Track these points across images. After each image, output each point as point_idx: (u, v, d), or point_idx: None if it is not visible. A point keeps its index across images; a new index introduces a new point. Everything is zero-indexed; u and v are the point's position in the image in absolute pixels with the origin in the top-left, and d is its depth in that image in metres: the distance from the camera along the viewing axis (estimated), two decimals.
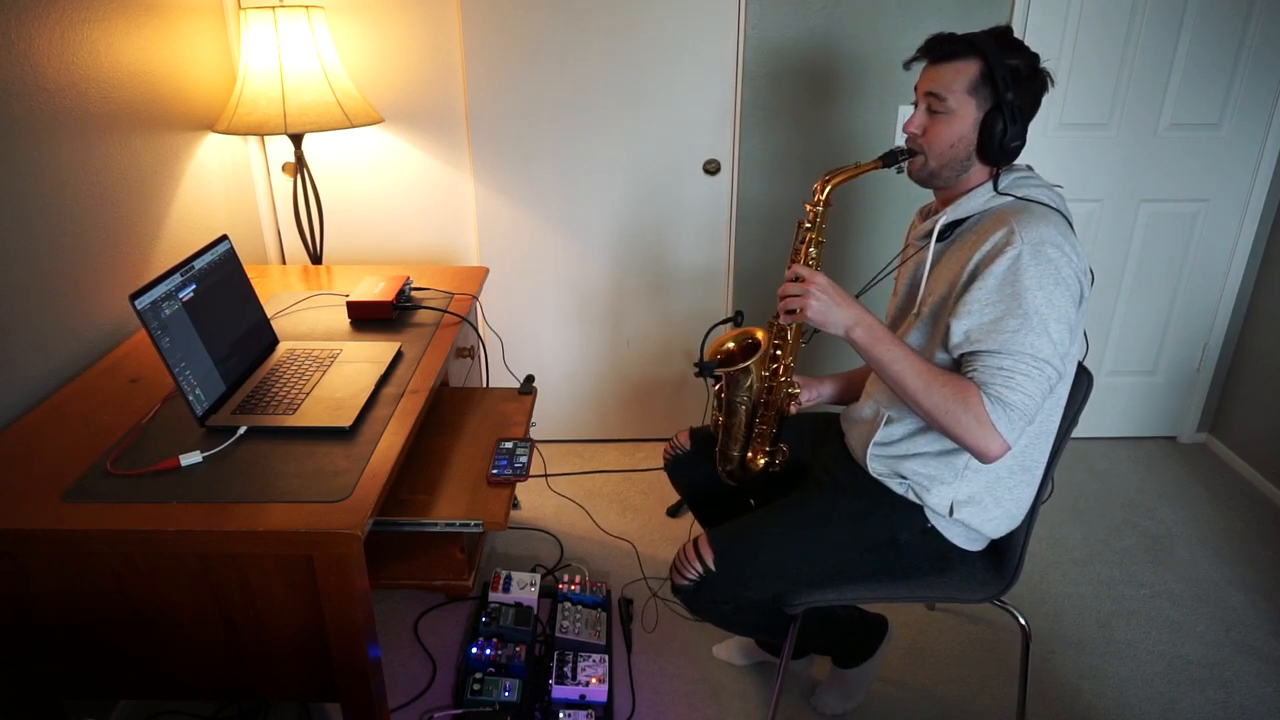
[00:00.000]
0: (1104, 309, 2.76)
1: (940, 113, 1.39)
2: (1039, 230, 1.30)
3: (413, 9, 2.36)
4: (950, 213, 1.43)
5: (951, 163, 1.41)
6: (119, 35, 1.83)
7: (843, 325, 1.37)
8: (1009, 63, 1.35)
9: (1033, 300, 1.28)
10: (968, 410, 1.30)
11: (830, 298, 1.37)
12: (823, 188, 1.45)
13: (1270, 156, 2.55)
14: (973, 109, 1.37)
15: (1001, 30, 1.39)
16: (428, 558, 1.55)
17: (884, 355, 1.36)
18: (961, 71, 1.37)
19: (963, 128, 1.38)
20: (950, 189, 1.46)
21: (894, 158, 1.45)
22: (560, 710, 1.74)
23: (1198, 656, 1.99)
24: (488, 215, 2.59)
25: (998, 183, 1.40)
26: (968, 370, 1.34)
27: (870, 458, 1.52)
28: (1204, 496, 2.62)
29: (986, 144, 1.38)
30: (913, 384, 1.34)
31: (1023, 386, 1.28)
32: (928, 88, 1.41)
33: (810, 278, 1.37)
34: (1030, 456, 1.47)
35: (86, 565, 1.22)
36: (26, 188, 1.56)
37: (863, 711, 1.83)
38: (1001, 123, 1.35)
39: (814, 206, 1.46)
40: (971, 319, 1.33)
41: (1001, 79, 1.34)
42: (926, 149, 1.42)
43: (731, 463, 1.66)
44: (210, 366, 1.47)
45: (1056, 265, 1.28)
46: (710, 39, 2.41)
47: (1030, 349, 1.28)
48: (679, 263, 2.67)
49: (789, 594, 1.54)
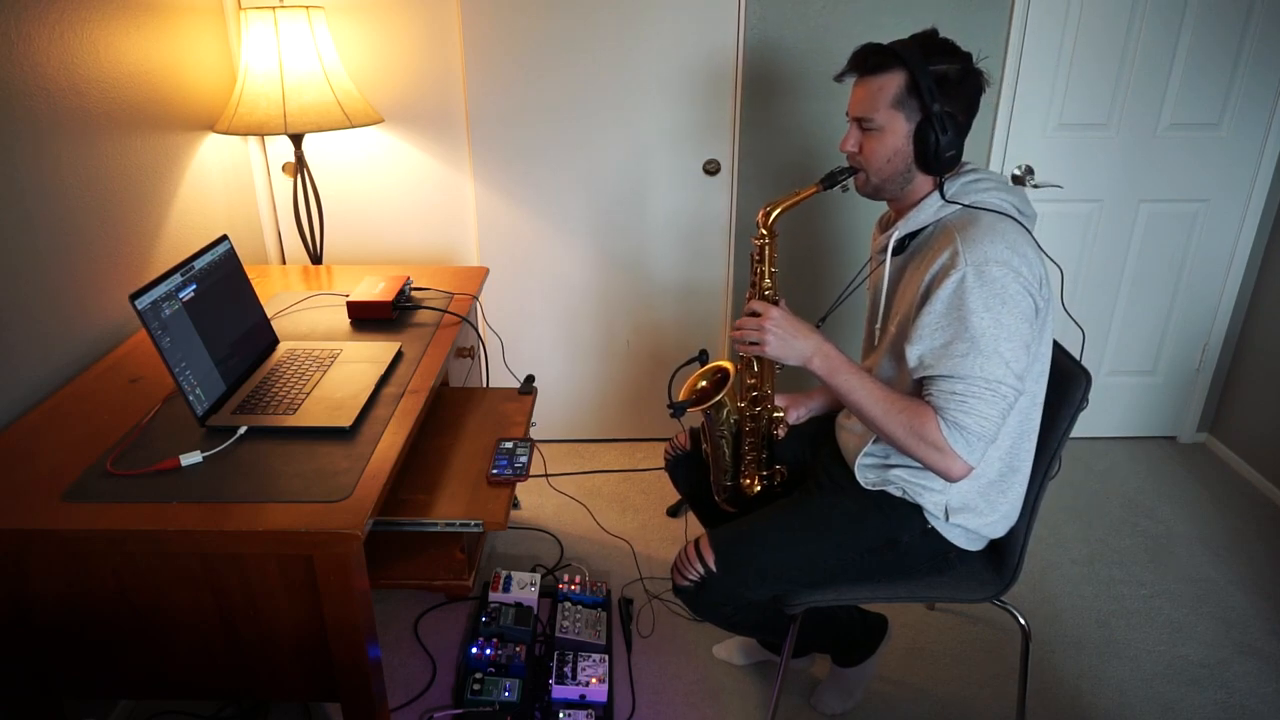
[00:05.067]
0: (1104, 309, 2.76)
1: (871, 129, 1.39)
2: (983, 248, 1.28)
3: (413, 9, 2.36)
4: (902, 227, 1.43)
5: (892, 176, 1.41)
6: (119, 35, 1.83)
7: (801, 356, 1.38)
8: (935, 70, 1.33)
9: (979, 324, 1.27)
10: (925, 436, 1.31)
11: (785, 330, 1.38)
12: (765, 219, 1.45)
13: (1270, 156, 2.55)
14: (902, 122, 1.36)
15: (927, 35, 1.37)
16: (428, 558, 1.55)
17: (843, 384, 1.37)
18: (886, 86, 1.35)
19: (895, 141, 1.37)
20: (900, 200, 1.46)
21: (834, 179, 1.44)
22: (560, 710, 1.74)
23: (1198, 656, 1.99)
24: (488, 215, 2.59)
25: (944, 190, 1.39)
26: (925, 394, 1.34)
27: (859, 468, 1.52)
28: (1204, 496, 2.62)
29: (923, 155, 1.36)
30: (871, 411, 1.36)
31: (977, 410, 1.29)
32: (855, 109, 1.40)
33: (765, 311, 1.38)
34: (1018, 457, 1.47)
35: (86, 565, 1.22)
36: (26, 187, 1.56)
37: (863, 711, 1.83)
38: (934, 133, 1.33)
39: (760, 239, 1.45)
40: (923, 344, 1.33)
41: (927, 89, 1.32)
42: (865, 166, 1.42)
43: (726, 491, 1.67)
44: (210, 366, 1.47)
45: (1002, 284, 1.27)
46: (710, 39, 2.41)
47: (981, 372, 1.28)
48: (679, 263, 2.67)
49: (789, 594, 1.53)
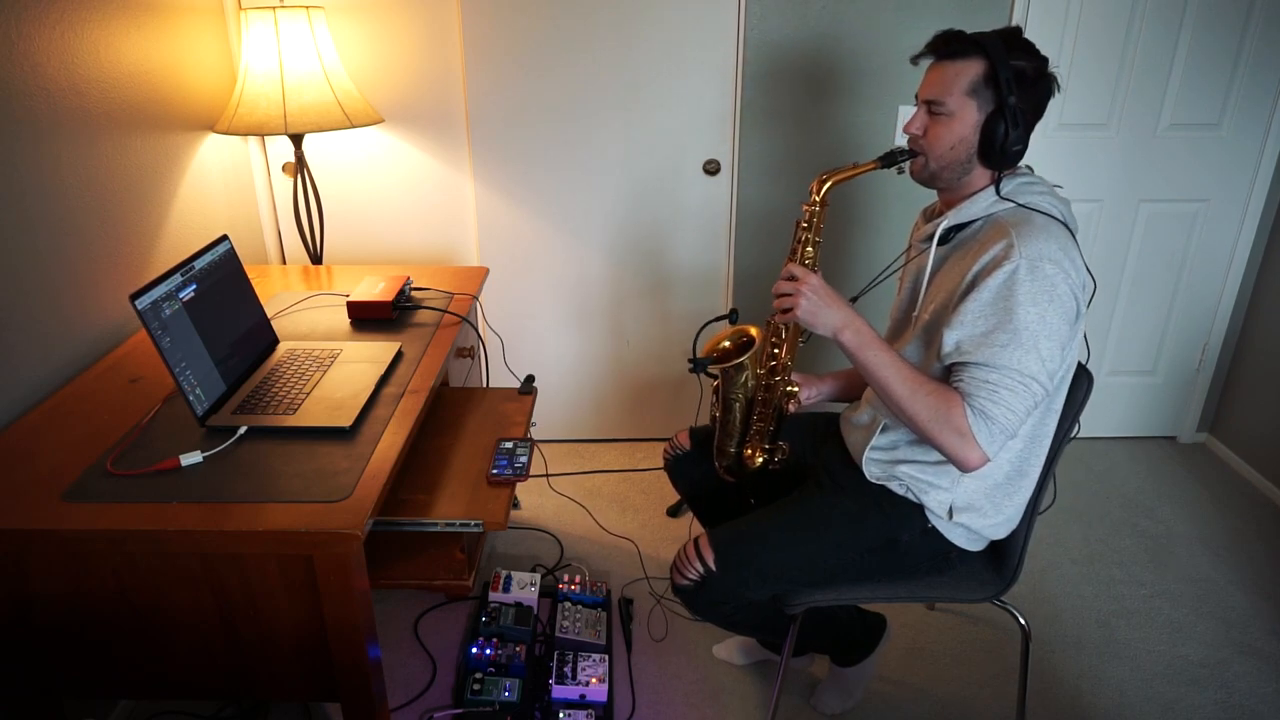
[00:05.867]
0: (1104, 309, 2.76)
1: (940, 114, 1.38)
2: (1038, 245, 1.28)
3: (413, 9, 2.36)
4: (952, 217, 1.42)
5: (952, 165, 1.40)
6: (119, 35, 1.83)
7: (832, 327, 1.37)
8: (1015, 65, 1.32)
9: (1025, 316, 1.28)
10: (950, 420, 1.31)
11: (821, 298, 1.37)
12: (819, 188, 1.44)
13: (1270, 156, 2.55)
14: (973, 111, 1.36)
15: (1011, 31, 1.36)
16: (428, 558, 1.55)
17: (871, 360, 1.36)
18: (964, 72, 1.35)
19: (963, 130, 1.37)
20: (953, 191, 1.45)
21: (893, 158, 1.43)
22: (560, 710, 1.74)
23: (1198, 656, 1.99)
24: (488, 215, 2.59)
25: (1000, 187, 1.39)
26: (955, 380, 1.34)
27: (866, 461, 1.52)
28: (1204, 496, 2.62)
29: (988, 147, 1.36)
30: (898, 390, 1.35)
31: (1006, 401, 1.29)
32: (927, 91, 1.40)
33: (804, 277, 1.37)
34: (1027, 462, 1.47)
35: (87, 565, 1.22)
36: (26, 187, 1.56)
37: (862, 711, 1.83)
38: (1003, 126, 1.33)
39: (810, 206, 1.45)
40: (963, 330, 1.33)
41: (1005, 81, 1.31)
42: (927, 150, 1.41)
43: (728, 458, 1.65)
44: (210, 366, 1.47)
45: (1053, 282, 1.28)
46: (710, 39, 2.41)
47: (1018, 364, 1.28)
48: (679, 263, 2.67)
49: (789, 594, 1.53)
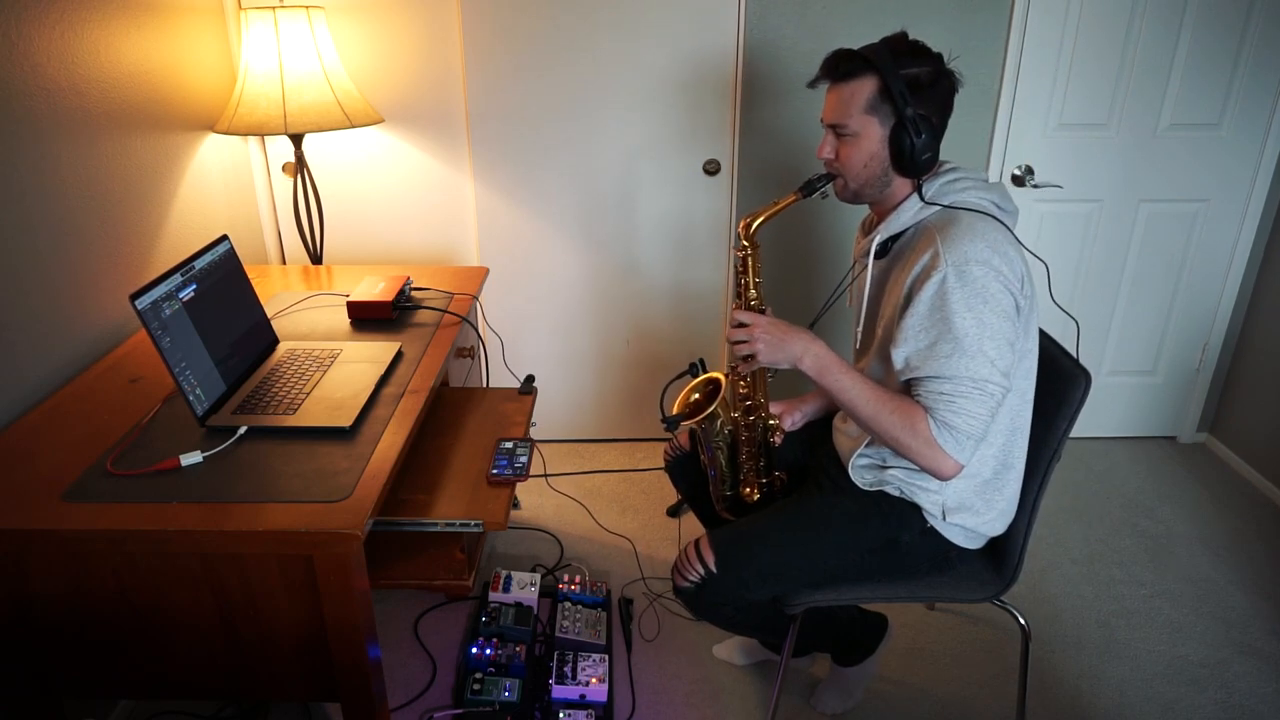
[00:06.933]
0: (1104, 309, 2.76)
1: (845, 135, 1.39)
2: (962, 248, 1.29)
3: (413, 9, 2.36)
4: (883, 230, 1.43)
5: (870, 181, 1.41)
6: (119, 35, 1.83)
7: (792, 359, 1.39)
8: (906, 73, 1.33)
9: (962, 324, 1.28)
10: (916, 435, 1.32)
11: (774, 335, 1.38)
12: (745, 230, 1.47)
13: (1270, 156, 2.55)
14: (876, 127, 1.37)
15: (897, 39, 1.37)
16: (428, 558, 1.55)
17: (833, 384, 1.37)
18: (858, 91, 1.36)
19: (871, 146, 1.38)
20: (881, 203, 1.46)
21: (812, 186, 1.45)
22: (560, 710, 1.74)
23: (1198, 656, 1.99)
24: (488, 215, 2.59)
25: (923, 192, 1.39)
26: (914, 394, 1.35)
27: (854, 470, 1.53)
28: (1204, 496, 2.62)
29: (899, 159, 1.37)
30: (864, 410, 1.36)
31: (965, 409, 1.30)
32: (829, 116, 1.41)
33: (753, 322, 1.39)
34: (1011, 454, 1.47)
35: (87, 565, 1.22)
36: (26, 187, 1.56)
37: (863, 711, 1.84)
38: (908, 137, 1.34)
39: (741, 251, 1.47)
40: (908, 345, 1.34)
41: (899, 93, 1.32)
42: (843, 172, 1.43)
43: (725, 501, 1.68)
44: (210, 366, 1.47)
45: (983, 284, 1.28)
46: (710, 39, 2.41)
47: (967, 372, 1.29)
48: (679, 263, 2.67)
49: (790, 594, 1.53)
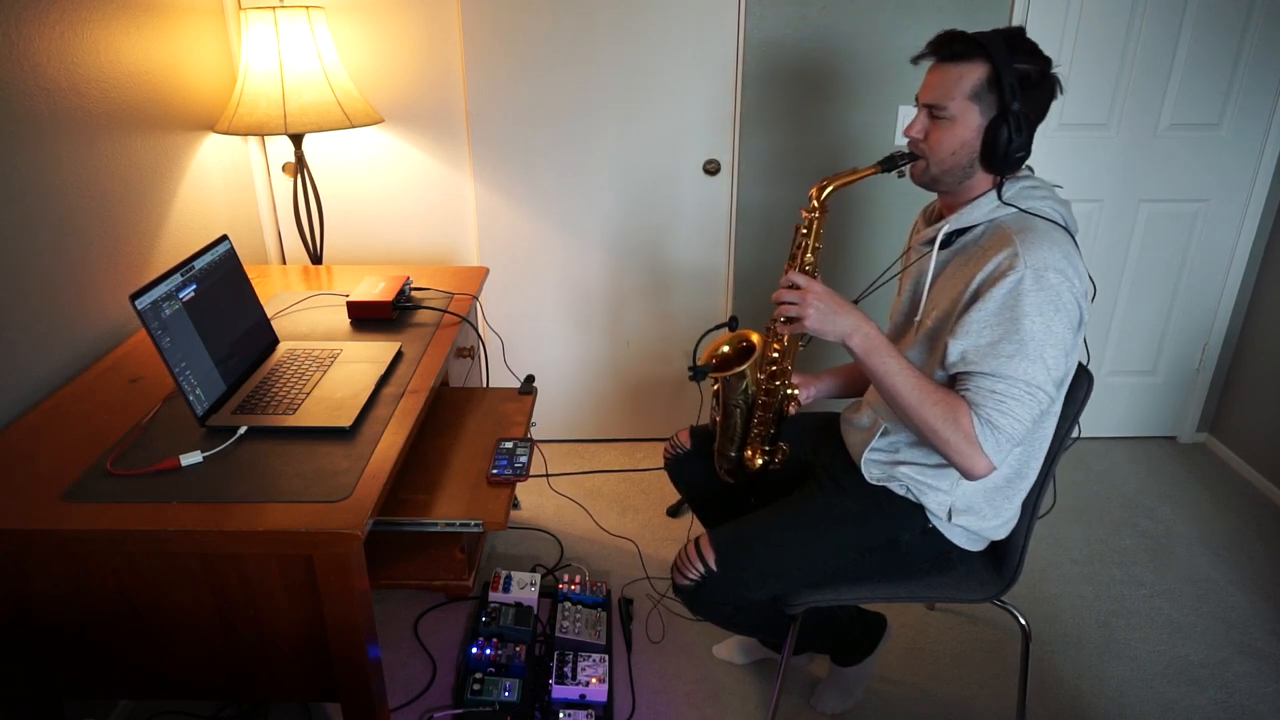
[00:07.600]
0: (1104, 309, 2.76)
1: (942, 118, 1.35)
2: (1042, 253, 1.27)
3: (413, 9, 2.36)
4: (953, 222, 1.40)
5: (954, 169, 1.38)
6: (119, 35, 1.83)
7: (840, 333, 1.36)
8: (1018, 68, 1.29)
9: (1031, 327, 1.27)
10: (958, 429, 1.31)
11: (828, 305, 1.35)
12: (819, 193, 1.42)
13: (1270, 156, 2.55)
14: (976, 115, 1.33)
15: (1014, 32, 1.33)
16: (428, 558, 1.55)
17: (880, 366, 1.35)
18: (966, 75, 1.32)
19: (965, 134, 1.34)
20: (954, 195, 1.43)
21: (893, 162, 1.41)
22: (560, 710, 1.74)
23: (1198, 656, 1.99)
24: (488, 215, 2.59)
25: (1002, 192, 1.37)
26: (961, 389, 1.33)
27: (866, 463, 1.52)
28: (1204, 496, 2.61)
29: (990, 152, 1.33)
30: (907, 397, 1.34)
31: (1013, 411, 1.29)
32: (929, 94, 1.37)
33: (808, 286, 1.36)
34: (1027, 465, 1.46)
35: (87, 565, 1.22)
36: (26, 187, 1.56)
37: (862, 711, 1.83)
38: (1006, 131, 1.31)
39: (810, 213, 1.43)
40: (969, 340, 1.32)
41: (1008, 85, 1.29)
42: (928, 154, 1.39)
43: (729, 461, 1.65)
44: (210, 366, 1.47)
45: (1058, 291, 1.27)
46: (710, 39, 2.41)
47: (1024, 375, 1.28)
48: (679, 263, 2.67)
49: (790, 594, 1.53)
